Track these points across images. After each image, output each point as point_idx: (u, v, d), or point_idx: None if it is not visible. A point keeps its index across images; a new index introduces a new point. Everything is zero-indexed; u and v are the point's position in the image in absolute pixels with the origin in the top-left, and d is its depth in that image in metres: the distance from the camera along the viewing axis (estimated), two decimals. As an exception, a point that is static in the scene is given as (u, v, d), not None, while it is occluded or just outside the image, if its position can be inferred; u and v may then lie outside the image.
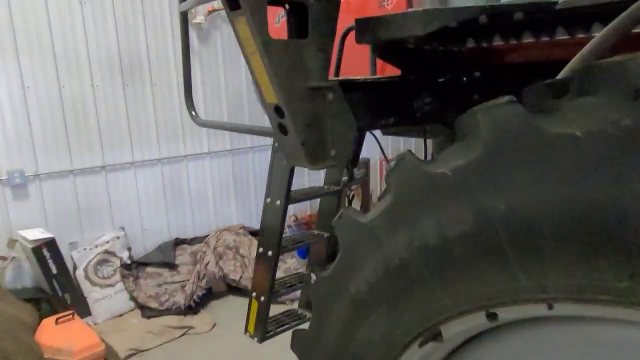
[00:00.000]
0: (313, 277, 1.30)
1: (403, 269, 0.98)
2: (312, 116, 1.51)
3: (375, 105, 1.80)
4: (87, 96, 4.12)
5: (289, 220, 5.51)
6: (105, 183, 4.28)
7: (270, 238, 2.57)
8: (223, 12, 4.93)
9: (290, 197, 2.47)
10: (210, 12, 4.70)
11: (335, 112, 1.50)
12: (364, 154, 2.56)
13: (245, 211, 5.29)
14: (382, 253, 1.03)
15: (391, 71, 2.04)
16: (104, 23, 4.12)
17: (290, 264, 4.77)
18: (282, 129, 1.54)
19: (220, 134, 4.99)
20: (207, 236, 4.82)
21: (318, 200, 5.90)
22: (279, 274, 4.71)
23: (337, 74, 2.62)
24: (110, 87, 4.23)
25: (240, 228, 4.98)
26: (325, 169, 2.93)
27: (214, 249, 4.65)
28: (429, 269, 0.93)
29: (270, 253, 2.57)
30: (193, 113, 2.28)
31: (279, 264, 4.79)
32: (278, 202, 2.46)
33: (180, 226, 4.82)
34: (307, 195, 2.60)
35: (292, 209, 5.60)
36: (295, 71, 1.46)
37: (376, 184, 6.28)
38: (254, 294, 2.75)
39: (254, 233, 4.98)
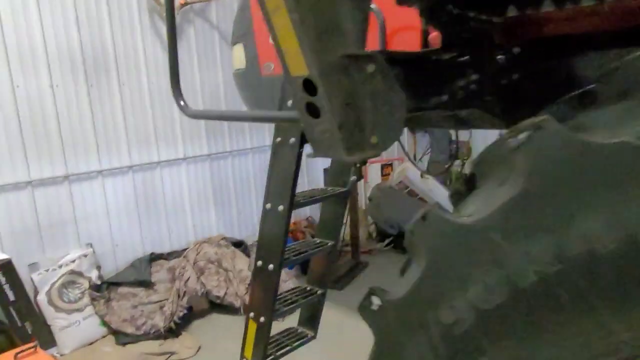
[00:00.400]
0: (375, 301, 0.97)
1: (546, 288, 0.67)
2: (350, 93, 1.19)
3: (416, 84, 1.51)
4: (46, 97, 3.65)
5: (273, 228, 5.14)
6: (69, 195, 3.81)
7: (270, 250, 2.22)
8: (196, 6, 4.56)
9: (294, 202, 2.14)
10: (182, 6, 4.31)
11: (378, 89, 1.19)
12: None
13: (226, 220, 4.90)
14: (504, 266, 0.71)
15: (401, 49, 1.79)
16: (63, 14, 3.67)
17: (277, 276, 4.39)
18: (312, 109, 1.21)
19: (196, 137, 4.59)
20: (185, 249, 4.40)
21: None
22: (267, 287, 4.32)
23: None
24: (72, 87, 3.77)
25: (222, 239, 4.59)
26: (329, 167, 2.61)
27: (194, 263, 4.24)
28: (597, 289, 0.63)
29: (271, 267, 2.22)
30: (182, 103, 1.92)
31: (266, 276, 4.42)
32: (281, 208, 2.11)
33: (156, 240, 4.38)
34: (313, 198, 2.27)
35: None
36: (330, 34, 1.14)
37: (360, 185, 5.99)
38: (251, 314, 2.38)
39: (236, 244, 4.60)
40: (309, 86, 1.16)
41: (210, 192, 4.74)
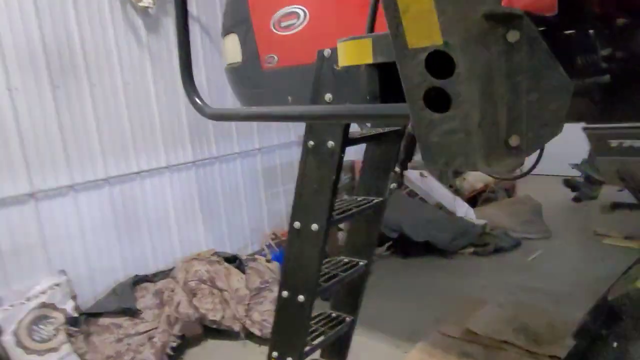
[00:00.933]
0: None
1: None
2: (488, 74, 0.81)
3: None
4: (3, 103, 3.11)
5: (267, 238, 4.73)
6: (36, 215, 3.27)
7: (301, 278, 1.82)
8: (173, -4, 4.08)
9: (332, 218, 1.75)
10: (158, -5, 3.82)
11: (524, 66, 0.80)
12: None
13: (215, 233, 4.43)
14: None
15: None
16: (20, 4, 3.13)
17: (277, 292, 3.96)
18: (434, 99, 0.82)
19: (179, 142, 4.11)
20: (173, 269, 3.93)
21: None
22: (266, 306, 3.92)
23: (371, 29, 1.92)
24: (35, 90, 3.24)
25: (213, 254, 4.13)
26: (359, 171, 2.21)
27: (184, 284, 3.77)
28: None
29: (301, 298, 1.83)
30: (197, 101, 1.49)
31: (266, 294, 4.01)
32: (315, 227, 1.72)
33: (139, 260, 3.88)
34: (349, 212, 1.87)
35: (266, 223, 4.83)
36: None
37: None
38: (275, 354, 1.98)
39: (229, 259, 4.15)
40: (437, 63, 0.77)
41: (196, 202, 4.27)
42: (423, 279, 4.56)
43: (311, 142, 1.68)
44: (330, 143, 1.62)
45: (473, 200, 6.51)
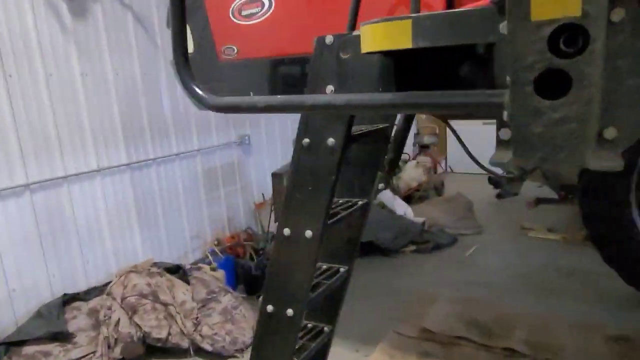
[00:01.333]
0: None
1: None
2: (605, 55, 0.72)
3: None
4: None
5: (209, 244, 4.43)
6: (-62, 229, 2.75)
7: (290, 290, 1.67)
8: (101, -21, 3.66)
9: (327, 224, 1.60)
10: (84, -23, 3.40)
11: (629, 48, 0.73)
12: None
13: (153, 242, 4.06)
14: None
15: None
16: None
17: (225, 302, 3.73)
18: (549, 83, 0.71)
19: (112, 142, 3.68)
20: (108, 284, 3.52)
21: (238, 217, 4.87)
22: (215, 318, 3.67)
23: (352, 25, 1.82)
24: None
25: (152, 265, 3.77)
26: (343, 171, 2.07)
27: (123, 300, 3.39)
28: None
29: (290, 312, 1.68)
30: (197, 90, 1.24)
31: (213, 305, 3.75)
32: (308, 234, 1.57)
33: (67, 276, 3.42)
34: (338, 215, 1.73)
35: (207, 229, 4.54)
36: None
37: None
38: (256, 375, 1.80)
39: (171, 270, 3.81)
40: (560, 38, 0.66)
41: (132, 209, 3.87)
42: (369, 280, 4.54)
43: (306, 140, 1.52)
44: (331, 140, 1.47)
45: (407, 198, 6.66)
